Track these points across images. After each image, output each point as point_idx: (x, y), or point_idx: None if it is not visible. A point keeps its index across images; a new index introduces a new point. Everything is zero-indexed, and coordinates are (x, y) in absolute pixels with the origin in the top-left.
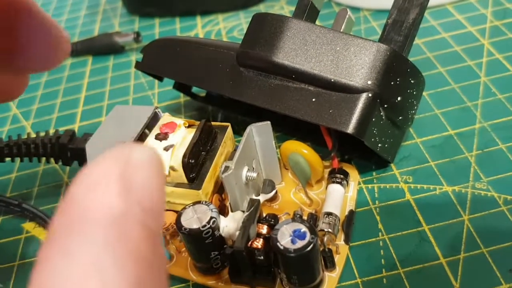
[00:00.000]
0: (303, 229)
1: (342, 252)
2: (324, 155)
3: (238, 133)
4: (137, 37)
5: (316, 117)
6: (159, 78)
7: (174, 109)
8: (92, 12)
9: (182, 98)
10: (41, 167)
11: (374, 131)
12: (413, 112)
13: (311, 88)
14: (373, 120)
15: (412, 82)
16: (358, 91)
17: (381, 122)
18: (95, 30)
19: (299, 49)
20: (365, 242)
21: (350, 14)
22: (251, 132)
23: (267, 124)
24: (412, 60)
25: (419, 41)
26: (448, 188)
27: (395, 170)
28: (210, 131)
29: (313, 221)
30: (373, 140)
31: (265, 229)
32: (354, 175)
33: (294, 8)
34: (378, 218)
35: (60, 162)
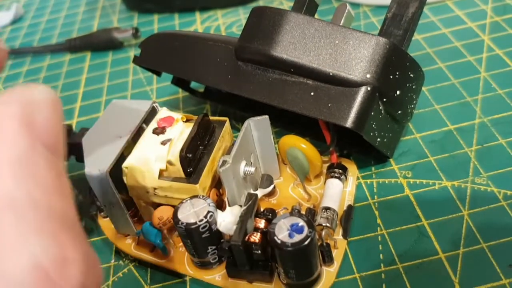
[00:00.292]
0: (301, 223)
1: (340, 247)
2: (323, 150)
3: (236, 129)
4: (136, 33)
5: (315, 111)
6: (157, 73)
7: (173, 105)
8: (91, 8)
9: (181, 94)
10: None
11: (373, 125)
12: (413, 107)
13: (310, 82)
14: (372, 114)
15: (412, 76)
16: (357, 85)
17: (380, 116)
18: (94, 26)
19: (298, 43)
20: (364, 237)
21: (350, 9)
22: (249, 126)
23: (265, 118)
24: (412, 56)
25: (419, 37)
26: (448, 183)
27: (394, 165)
28: (208, 126)
29: (311, 216)
30: (372, 135)
31: (263, 223)
32: (353, 170)
33: (293, 3)
34: (377, 213)
35: None
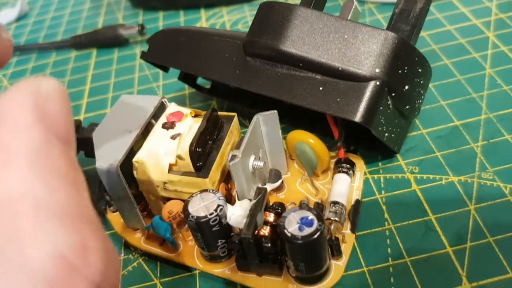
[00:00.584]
0: (311, 217)
1: (349, 241)
2: (330, 146)
3: (243, 125)
4: (142, 30)
5: (324, 106)
6: (165, 69)
7: (179, 101)
8: (96, 5)
9: (187, 90)
10: None
11: (382, 120)
12: (420, 102)
13: (318, 77)
14: (381, 109)
15: (420, 71)
16: (366, 79)
17: (389, 111)
18: (99, 23)
19: (307, 37)
20: (372, 232)
21: (357, 5)
22: (258, 121)
23: (274, 113)
24: None
25: (425, 34)
26: (454, 178)
27: (401, 161)
28: (217, 121)
29: (320, 210)
30: (380, 130)
31: (272, 217)
32: (360, 166)
33: None
34: (385, 208)
35: None
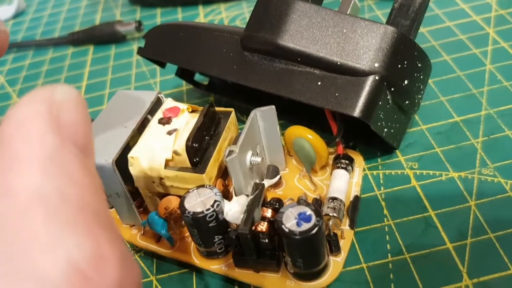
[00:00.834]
0: (309, 212)
1: (347, 237)
2: (329, 142)
3: (241, 121)
4: (139, 26)
5: (322, 101)
6: (162, 65)
7: (177, 98)
8: (93, 2)
9: (185, 87)
10: None
11: (381, 115)
12: (420, 97)
13: (317, 72)
14: (380, 104)
15: (419, 66)
16: (365, 74)
17: (388, 106)
18: (97, 20)
19: (305, 32)
20: (371, 228)
21: (356, 1)
22: (256, 117)
23: (272, 108)
24: None
25: (424, 30)
26: (454, 174)
27: (401, 157)
28: (214, 116)
29: (318, 206)
30: (379, 125)
31: (270, 213)
32: (359, 161)
33: None
34: (384, 204)
35: None
